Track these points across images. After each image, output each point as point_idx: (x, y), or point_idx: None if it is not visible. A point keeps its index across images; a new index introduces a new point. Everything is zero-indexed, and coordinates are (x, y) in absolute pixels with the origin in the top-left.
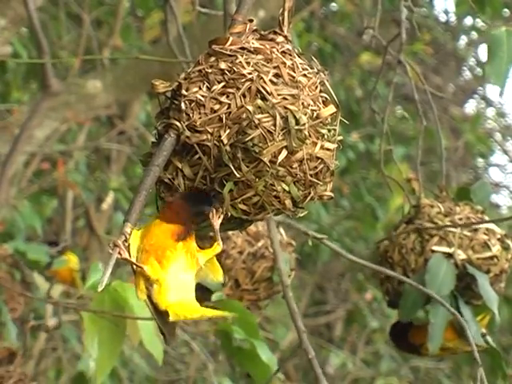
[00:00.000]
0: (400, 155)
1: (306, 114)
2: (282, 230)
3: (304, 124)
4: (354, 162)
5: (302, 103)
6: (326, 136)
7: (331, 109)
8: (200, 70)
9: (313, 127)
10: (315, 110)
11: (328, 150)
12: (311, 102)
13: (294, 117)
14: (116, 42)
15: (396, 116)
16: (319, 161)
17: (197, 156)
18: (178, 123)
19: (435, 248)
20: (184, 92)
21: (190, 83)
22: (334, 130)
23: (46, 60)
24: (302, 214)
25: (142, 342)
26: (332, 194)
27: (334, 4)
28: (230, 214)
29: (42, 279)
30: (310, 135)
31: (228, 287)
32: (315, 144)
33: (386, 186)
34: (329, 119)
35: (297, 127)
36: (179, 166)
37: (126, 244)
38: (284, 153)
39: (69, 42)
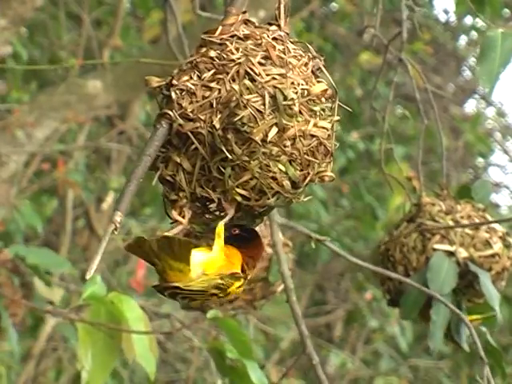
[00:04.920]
0: (400, 155)
1: (296, 92)
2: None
3: (292, 99)
4: (353, 162)
5: (292, 82)
6: (318, 113)
7: (322, 86)
8: (191, 61)
9: (304, 104)
10: (306, 89)
11: (323, 128)
12: (302, 82)
13: (282, 93)
14: (116, 42)
15: (396, 115)
16: (314, 138)
17: (193, 146)
18: (170, 112)
19: (437, 246)
20: (175, 82)
21: (181, 74)
22: (329, 108)
23: (46, 66)
24: (306, 199)
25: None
26: (333, 175)
27: (334, 4)
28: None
29: (41, 284)
30: (301, 113)
31: None
32: (308, 122)
33: (385, 186)
34: (322, 99)
35: (285, 102)
36: (178, 160)
37: (116, 233)
38: (274, 130)
39: (69, 41)
